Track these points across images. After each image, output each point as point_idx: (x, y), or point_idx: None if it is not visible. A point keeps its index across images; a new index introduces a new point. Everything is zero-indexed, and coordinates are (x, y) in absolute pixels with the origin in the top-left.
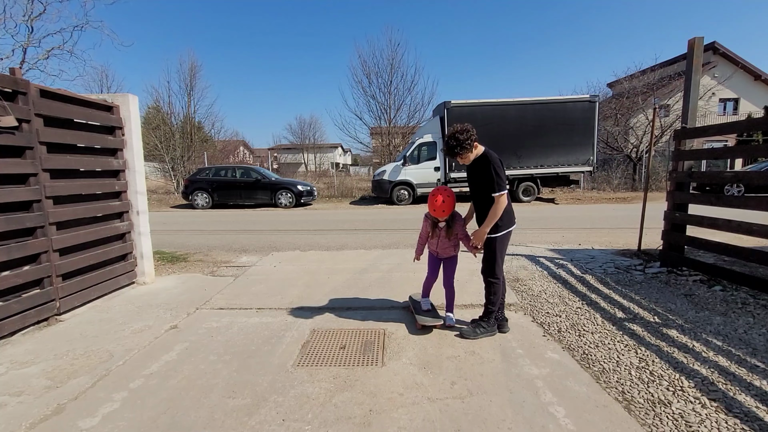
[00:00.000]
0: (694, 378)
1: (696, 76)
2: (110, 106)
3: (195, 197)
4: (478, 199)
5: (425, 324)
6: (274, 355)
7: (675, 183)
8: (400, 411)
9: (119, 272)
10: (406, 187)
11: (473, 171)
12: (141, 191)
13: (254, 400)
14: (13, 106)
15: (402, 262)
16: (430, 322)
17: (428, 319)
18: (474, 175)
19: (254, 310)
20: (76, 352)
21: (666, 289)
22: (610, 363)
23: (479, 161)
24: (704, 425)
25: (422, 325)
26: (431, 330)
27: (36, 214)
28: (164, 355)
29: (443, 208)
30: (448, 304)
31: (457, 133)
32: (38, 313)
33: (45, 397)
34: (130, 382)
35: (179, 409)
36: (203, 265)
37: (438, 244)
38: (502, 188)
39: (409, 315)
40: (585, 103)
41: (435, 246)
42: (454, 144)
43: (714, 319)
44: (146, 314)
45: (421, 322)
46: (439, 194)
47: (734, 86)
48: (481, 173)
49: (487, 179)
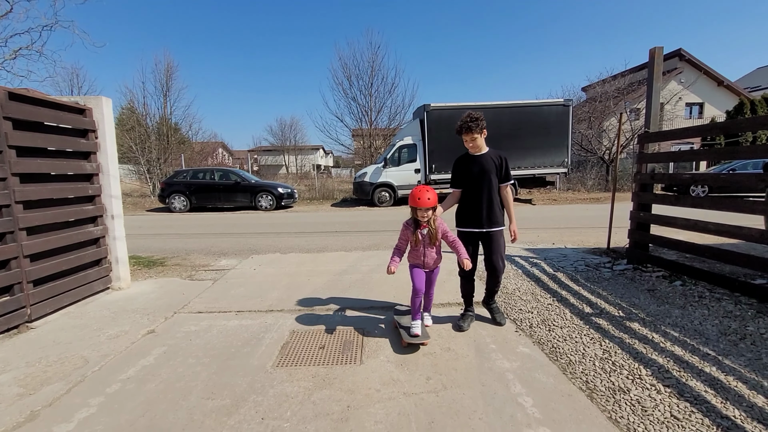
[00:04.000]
0: (652, 367)
1: (657, 84)
2: (83, 108)
3: (172, 200)
4: (480, 192)
5: (412, 342)
6: (253, 356)
7: (639, 184)
8: (377, 406)
9: (93, 278)
10: (387, 189)
11: (481, 162)
12: (116, 195)
13: (233, 401)
14: None
15: (382, 263)
16: (417, 341)
17: (416, 339)
18: (481, 167)
19: (233, 313)
20: (49, 359)
21: (631, 285)
22: (576, 355)
23: (493, 154)
24: (658, 409)
25: (408, 343)
26: (418, 348)
27: (5, 219)
28: (141, 359)
29: (428, 196)
30: (427, 304)
31: (472, 114)
32: (8, 320)
33: (18, 404)
34: (107, 387)
35: (158, 411)
36: (181, 269)
37: (424, 254)
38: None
39: (387, 312)
40: (559, 106)
41: (421, 258)
42: (472, 121)
43: (673, 312)
44: (122, 319)
45: (408, 341)
46: (421, 187)
47: (699, 91)
48: (491, 165)
49: (501, 170)
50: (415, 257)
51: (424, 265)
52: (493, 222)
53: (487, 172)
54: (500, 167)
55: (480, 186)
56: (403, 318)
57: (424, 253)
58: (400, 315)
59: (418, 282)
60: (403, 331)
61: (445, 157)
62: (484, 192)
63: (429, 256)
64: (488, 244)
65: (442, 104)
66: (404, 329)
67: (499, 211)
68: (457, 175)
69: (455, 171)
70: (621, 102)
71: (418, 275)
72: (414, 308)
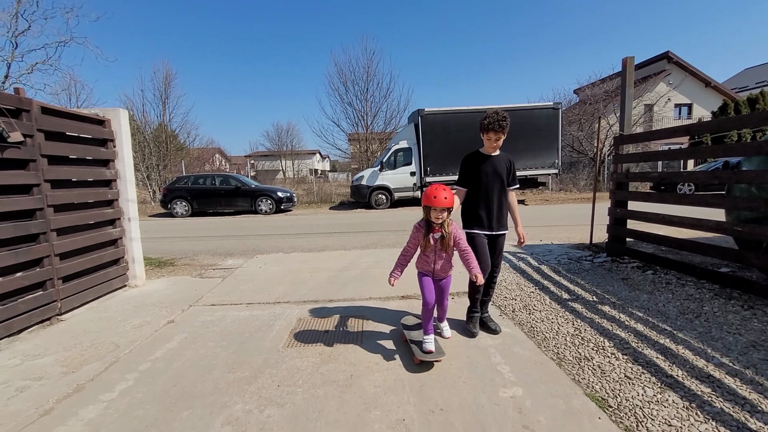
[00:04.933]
0: (614, 340)
1: (629, 90)
2: (102, 120)
3: (174, 206)
4: (492, 193)
5: (425, 360)
6: (265, 339)
7: (616, 183)
8: (376, 375)
9: (113, 275)
10: (384, 192)
11: (495, 163)
12: (132, 199)
13: (252, 373)
14: (18, 123)
15: (379, 260)
16: (431, 358)
17: (429, 356)
18: (495, 168)
19: (244, 305)
20: (83, 345)
21: (608, 275)
22: (551, 333)
23: (504, 157)
24: (614, 372)
25: (421, 361)
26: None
27: (39, 221)
28: (166, 343)
29: (444, 195)
30: (441, 314)
31: (500, 112)
32: (42, 312)
33: (63, 380)
34: (139, 366)
35: (187, 382)
36: (191, 269)
37: (435, 261)
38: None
39: (385, 302)
40: (549, 110)
41: (431, 265)
42: (504, 120)
43: (641, 297)
44: (143, 312)
45: (421, 358)
46: (437, 185)
47: (688, 92)
48: (503, 167)
49: (510, 173)
50: (424, 263)
51: (434, 274)
52: (501, 225)
53: (500, 173)
54: (510, 170)
55: (492, 187)
56: (413, 332)
57: (434, 260)
58: (410, 329)
59: (427, 293)
60: (415, 346)
61: (439, 160)
62: (494, 194)
63: (439, 264)
64: (493, 248)
65: (436, 109)
66: (416, 344)
67: (507, 214)
68: (468, 173)
69: (466, 169)
70: (610, 104)
71: (427, 285)
72: (425, 321)
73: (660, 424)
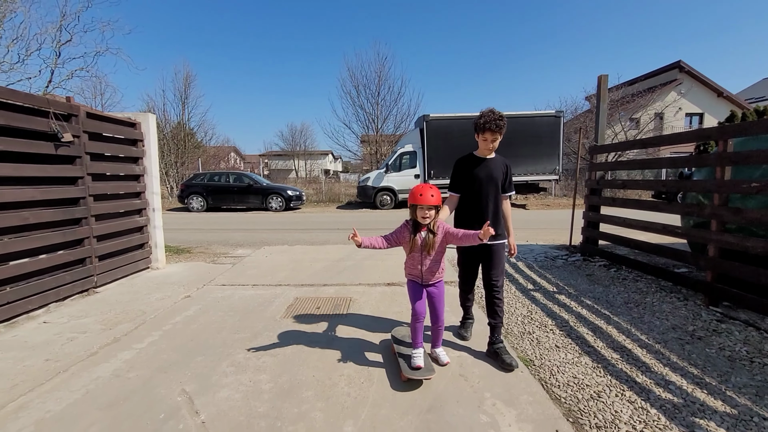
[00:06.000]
0: (557, 320)
1: (604, 105)
2: (134, 122)
3: (190, 201)
4: (486, 200)
5: (413, 378)
6: (266, 312)
7: (589, 189)
8: (353, 339)
9: (138, 258)
10: (389, 193)
11: (489, 167)
12: (156, 192)
13: (253, 334)
14: (68, 126)
15: (374, 253)
16: (420, 376)
17: (418, 373)
18: (489, 172)
19: (250, 286)
20: (116, 311)
21: (576, 271)
22: (508, 313)
23: (500, 160)
24: (548, 342)
25: (408, 378)
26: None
27: (82, 207)
28: (184, 312)
29: (431, 193)
30: (436, 340)
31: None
32: (82, 284)
33: (103, 334)
34: (162, 326)
35: (201, 339)
36: (205, 256)
37: (421, 262)
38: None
39: (374, 288)
40: (551, 117)
41: (417, 267)
42: (500, 119)
43: (597, 289)
44: (164, 288)
45: (408, 375)
46: (423, 184)
47: (699, 102)
48: (499, 172)
49: (506, 179)
50: (411, 267)
51: (422, 278)
52: (496, 234)
53: (495, 178)
54: (506, 175)
55: (486, 193)
56: (402, 346)
57: (421, 261)
58: (400, 342)
59: (416, 302)
60: (403, 361)
61: (443, 163)
62: (490, 200)
63: (426, 266)
64: (488, 259)
65: (441, 115)
66: (404, 359)
67: (503, 222)
68: (459, 177)
69: (458, 173)
70: (616, 113)
71: (415, 293)
72: (414, 334)
73: (568, 377)
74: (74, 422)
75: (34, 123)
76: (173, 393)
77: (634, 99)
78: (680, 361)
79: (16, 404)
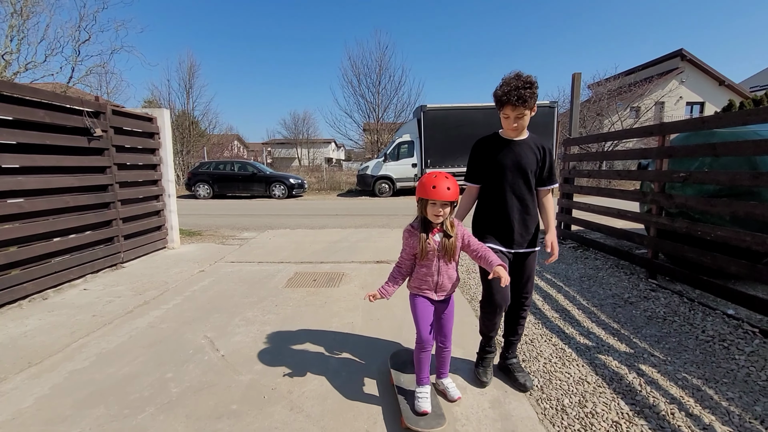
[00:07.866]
0: None
1: (577, 100)
2: (150, 117)
3: (197, 188)
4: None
5: (415, 429)
6: (270, 283)
7: (564, 178)
8: (342, 302)
9: (156, 238)
10: (387, 181)
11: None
12: (171, 179)
13: (258, 299)
14: (98, 122)
15: (368, 236)
16: (426, 428)
17: (422, 425)
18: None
19: (256, 263)
20: (143, 281)
21: (545, 252)
22: (470, 282)
23: (532, 142)
24: None
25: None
26: None
27: (110, 193)
28: (200, 282)
29: (447, 185)
30: (442, 367)
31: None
32: (112, 259)
33: (135, 298)
34: (183, 293)
35: (216, 303)
36: (215, 238)
37: (437, 272)
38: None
39: (365, 265)
40: (545, 108)
41: (433, 276)
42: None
43: (560, 267)
44: (181, 264)
45: (409, 424)
46: (437, 173)
47: (700, 91)
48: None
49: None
50: (421, 278)
51: (437, 288)
52: (527, 239)
53: (525, 166)
54: (542, 162)
55: (511, 185)
56: (403, 375)
57: (438, 270)
58: (399, 369)
59: (424, 324)
60: (404, 402)
61: (438, 153)
62: (516, 195)
63: (444, 275)
64: (517, 270)
65: (438, 105)
66: (406, 398)
67: (537, 223)
68: (477, 164)
69: (475, 157)
70: (613, 103)
71: (424, 314)
72: (420, 366)
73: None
74: (125, 354)
75: (71, 120)
76: (198, 337)
77: (631, 89)
78: (607, 319)
79: (78, 344)
